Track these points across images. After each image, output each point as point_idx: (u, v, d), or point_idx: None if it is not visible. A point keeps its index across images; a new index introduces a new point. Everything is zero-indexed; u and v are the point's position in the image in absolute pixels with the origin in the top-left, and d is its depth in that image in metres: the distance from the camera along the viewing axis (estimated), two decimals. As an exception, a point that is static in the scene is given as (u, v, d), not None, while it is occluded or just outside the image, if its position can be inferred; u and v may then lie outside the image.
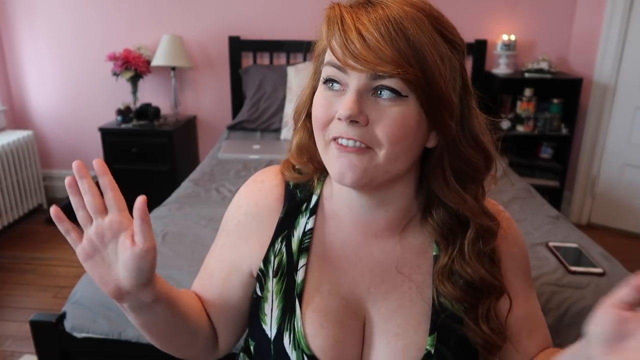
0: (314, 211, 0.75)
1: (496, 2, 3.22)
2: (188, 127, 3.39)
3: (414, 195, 0.72)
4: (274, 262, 0.74)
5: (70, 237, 0.61)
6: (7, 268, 2.71)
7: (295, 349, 0.69)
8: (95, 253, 0.61)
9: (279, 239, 0.74)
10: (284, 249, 0.74)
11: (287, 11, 3.27)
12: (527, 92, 3.12)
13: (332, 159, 0.64)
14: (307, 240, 0.73)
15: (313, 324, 0.69)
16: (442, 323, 0.69)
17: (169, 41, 3.16)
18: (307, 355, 0.69)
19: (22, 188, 3.24)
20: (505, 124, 3.14)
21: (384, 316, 0.71)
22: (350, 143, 0.61)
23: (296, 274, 0.72)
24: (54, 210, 0.60)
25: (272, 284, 0.73)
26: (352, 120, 0.60)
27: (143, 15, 3.35)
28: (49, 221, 3.25)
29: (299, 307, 0.70)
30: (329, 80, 0.63)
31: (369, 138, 0.61)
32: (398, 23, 0.58)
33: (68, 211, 0.59)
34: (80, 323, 1.41)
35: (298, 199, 0.76)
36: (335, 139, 0.63)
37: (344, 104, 0.60)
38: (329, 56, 0.63)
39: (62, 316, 1.44)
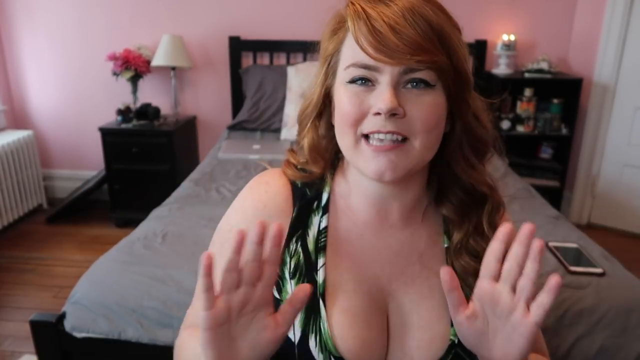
0: (326, 209, 0.74)
1: (496, 2, 3.22)
2: (188, 127, 3.38)
3: (426, 183, 0.74)
4: (290, 264, 0.72)
5: (207, 296, 0.52)
6: (6, 268, 2.71)
7: (322, 352, 0.67)
8: (225, 322, 0.53)
9: (294, 240, 0.73)
10: (299, 249, 0.72)
11: (287, 11, 3.27)
12: (527, 92, 3.12)
13: (368, 158, 0.64)
14: (324, 239, 0.72)
15: (341, 325, 0.68)
16: None
17: (169, 41, 3.16)
18: (334, 357, 0.67)
19: (22, 188, 3.24)
20: (505, 124, 3.14)
21: (407, 308, 0.71)
22: (388, 137, 0.63)
23: (316, 274, 0.70)
24: (207, 261, 0.50)
25: (290, 286, 0.71)
26: (392, 114, 0.61)
27: (143, 15, 3.35)
28: (49, 221, 3.25)
29: (324, 308, 0.68)
30: (357, 80, 0.64)
31: (406, 129, 0.63)
32: (420, 12, 0.60)
33: (68, 211, 0.58)
34: (80, 323, 1.41)
35: (308, 197, 0.75)
36: (367, 136, 0.64)
37: (384, 99, 0.61)
38: (353, 57, 0.63)
39: (62, 316, 1.44)
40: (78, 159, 3.66)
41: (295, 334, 0.68)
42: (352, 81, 0.64)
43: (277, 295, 0.71)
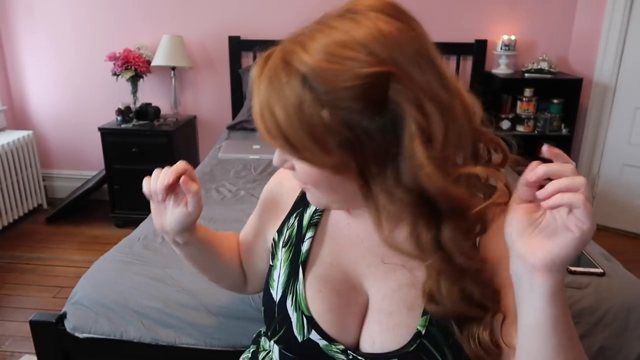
0: None
1: (496, 2, 3.22)
2: (188, 127, 3.39)
3: None
4: (285, 234, 0.82)
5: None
6: (7, 268, 2.71)
7: (296, 310, 0.76)
8: (161, 203, 0.80)
9: (294, 215, 0.83)
10: (295, 223, 0.82)
11: (287, 11, 3.27)
12: (527, 92, 3.12)
13: None
14: (317, 217, 0.81)
15: (313, 287, 0.76)
16: None
17: (169, 41, 3.16)
18: (306, 317, 0.75)
19: (22, 188, 3.24)
20: (505, 124, 3.14)
21: (382, 294, 0.74)
22: None
23: (302, 244, 0.79)
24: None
25: (281, 253, 0.81)
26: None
27: (143, 15, 3.35)
28: (49, 221, 3.25)
29: (302, 273, 0.77)
30: None
31: (302, 180, 0.68)
32: (271, 110, 0.58)
33: (67, 211, 0.59)
34: (82, 323, 1.41)
35: None
36: None
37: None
38: None
39: (63, 316, 1.44)
40: (78, 159, 3.66)
41: (277, 294, 0.79)
42: None
43: (271, 262, 0.83)
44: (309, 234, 0.79)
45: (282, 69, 0.57)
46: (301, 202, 0.83)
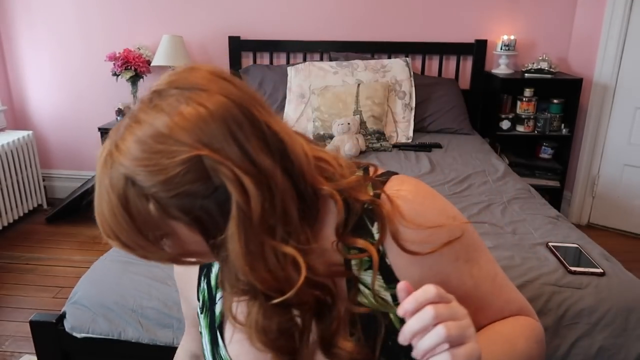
0: None
1: (496, 2, 3.22)
2: (188, 127, 3.38)
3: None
4: (201, 300, 0.77)
5: None
6: (7, 268, 2.71)
7: None
8: None
9: (202, 278, 0.77)
10: (205, 286, 0.77)
11: (287, 11, 3.27)
12: (527, 92, 3.12)
13: None
14: None
15: (236, 345, 0.72)
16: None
17: (169, 41, 3.16)
18: None
19: (22, 188, 3.24)
20: (505, 124, 3.14)
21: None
22: None
23: (215, 306, 0.74)
24: None
25: (201, 319, 0.77)
26: None
27: (143, 15, 3.35)
28: (49, 221, 3.25)
29: (221, 338, 0.73)
30: None
31: None
32: (102, 213, 0.56)
33: (66, 212, 0.59)
34: (80, 323, 1.41)
35: None
36: None
37: None
38: None
39: (62, 316, 1.44)
40: (78, 159, 3.66)
41: None
42: None
43: (200, 330, 0.79)
44: (219, 294, 0.74)
45: (105, 172, 0.56)
46: (205, 263, 0.77)
